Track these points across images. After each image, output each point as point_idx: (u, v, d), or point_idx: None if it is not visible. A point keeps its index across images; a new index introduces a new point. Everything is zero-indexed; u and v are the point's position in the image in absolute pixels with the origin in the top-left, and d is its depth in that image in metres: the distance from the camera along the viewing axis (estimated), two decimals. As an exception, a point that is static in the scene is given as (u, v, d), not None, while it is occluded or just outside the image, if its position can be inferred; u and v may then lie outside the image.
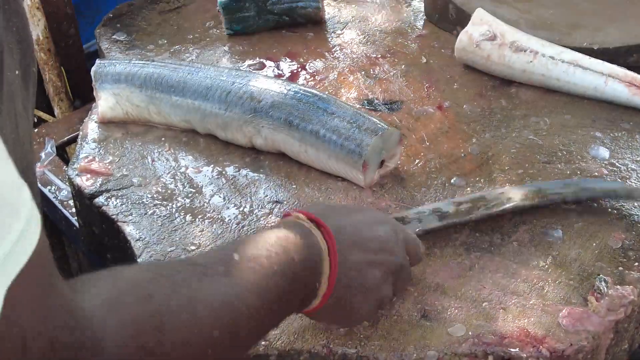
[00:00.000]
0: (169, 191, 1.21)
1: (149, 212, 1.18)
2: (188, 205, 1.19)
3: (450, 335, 0.97)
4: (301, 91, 1.23)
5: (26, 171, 0.85)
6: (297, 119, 1.20)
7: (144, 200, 1.20)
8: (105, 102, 1.32)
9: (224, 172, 1.25)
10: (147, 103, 1.30)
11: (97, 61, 1.36)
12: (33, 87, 0.85)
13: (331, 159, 1.19)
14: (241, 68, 1.50)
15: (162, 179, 1.24)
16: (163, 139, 1.32)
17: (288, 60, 1.52)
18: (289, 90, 1.23)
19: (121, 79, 1.31)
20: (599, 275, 1.03)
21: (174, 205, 1.19)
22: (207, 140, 1.31)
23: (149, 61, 1.34)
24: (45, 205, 1.52)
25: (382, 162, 1.20)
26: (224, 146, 1.30)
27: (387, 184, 1.21)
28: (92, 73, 1.34)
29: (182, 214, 1.17)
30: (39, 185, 1.51)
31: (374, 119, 1.20)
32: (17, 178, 0.57)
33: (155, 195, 1.21)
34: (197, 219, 1.16)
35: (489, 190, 1.16)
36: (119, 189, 1.22)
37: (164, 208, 1.18)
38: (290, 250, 0.83)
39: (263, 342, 0.97)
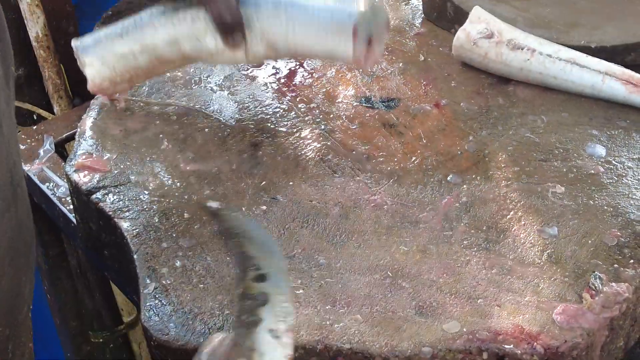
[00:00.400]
0: (166, 188, 1.22)
1: (146, 209, 1.18)
2: (185, 202, 1.19)
3: (444, 331, 0.98)
4: None
5: (12, 170, 0.85)
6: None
7: (141, 196, 1.20)
8: (91, 66, 1.29)
9: (221, 169, 1.25)
10: (130, 45, 1.25)
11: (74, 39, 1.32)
12: (13, 86, 0.84)
13: (320, 32, 1.18)
14: (239, 65, 1.50)
15: (159, 176, 1.24)
16: (161, 135, 1.32)
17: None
18: None
19: (101, 37, 1.27)
20: (594, 272, 1.04)
21: (171, 202, 1.19)
22: (205, 137, 1.32)
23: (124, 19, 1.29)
24: (44, 202, 1.52)
25: (369, 40, 1.18)
26: (221, 143, 1.30)
27: (382, 180, 1.22)
28: (73, 48, 1.30)
29: (179, 210, 1.18)
30: (38, 182, 1.51)
31: None
32: None
33: (152, 192, 1.21)
34: (193, 216, 1.17)
35: None
36: (116, 186, 1.22)
37: (160, 205, 1.19)
38: None
39: (258, 338, 0.98)
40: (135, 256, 1.11)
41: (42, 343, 2.16)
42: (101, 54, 1.28)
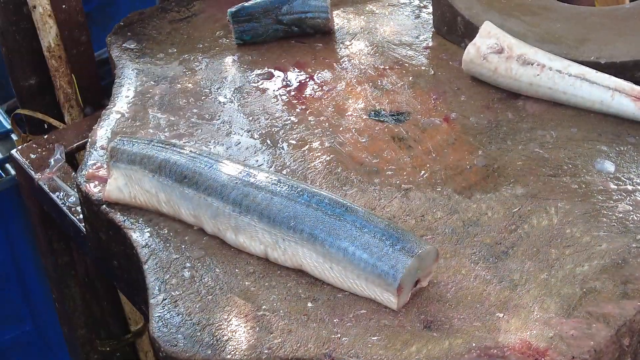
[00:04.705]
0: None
1: (155, 220, 1.19)
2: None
3: (452, 346, 0.98)
4: (326, 201, 1.11)
5: None
6: (323, 233, 1.07)
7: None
8: (115, 181, 1.22)
9: (230, 181, 1.25)
10: (157, 190, 1.20)
11: (118, 138, 1.26)
12: None
13: (360, 279, 1.05)
14: (249, 77, 1.51)
15: (169, 187, 1.24)
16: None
17: (296, 70, 1.53)
18: (314, 199, 1.10)
19: (136, 161, 1.21)
20: None
21: (181, 213, 1.20)
22: (215, 149, 1.32)
23: (168, 145, 1.23)
24: (54, 211, 1.53)
25: (416, 282, 1.06)
26: (231, 155, 1.31)
27: (391, 194, 1.22)
28: (109, 149, 1.25)
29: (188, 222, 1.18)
30: (48, 191, 1.52)
31: (409, 235, 1.07)
32: None
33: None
34: (202, 228, 1.17)
35: None
36: (127, 196, 1.23)
37: (169, 216, 1.19)
38: None
39: (266, 350, 0.98)
40: (144, 267, 1.11)
41: (51, 351, 2.17)
42: (129, 178, 1.22)
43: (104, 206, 1.22)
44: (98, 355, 1.90)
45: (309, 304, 1.05)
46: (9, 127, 2.05)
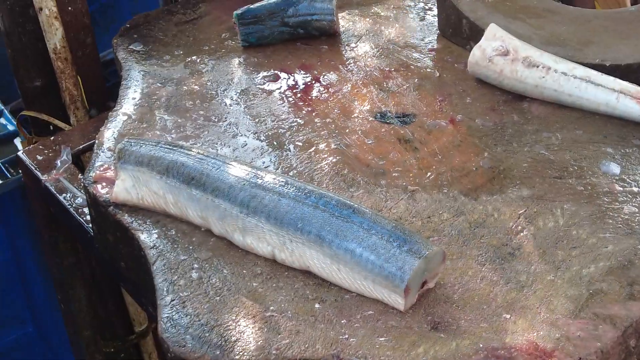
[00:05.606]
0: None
1: (163, 221, 1.19)
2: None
3: (459, 347, 0.98)
4: (333, 202, 1.11)
5: None
6: (330, 234, 1.08)
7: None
8: (123, 183, 1.23)
9: (237, 182, 1.26)
10: (165, 191, 1.20)
11: (125, 139, 1.27)
12: None
13: (367, 280, 1.06)
14: (255, 79, 1.51)
15: (176, 188, 1.25)
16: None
17: (302, 72, 1.53)
18: (321, 201, 1.11)
19: (144, 162, 1.22)
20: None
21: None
22: (221, 151, 1.33)
23: (176, 147, 1.23)
24: (60, 213, 1.53)
25: (423, 283, 1.07)
26: (238, 157, 1.31)
27: (398, 195, 1.22)
28: (116, 150, 1.25)
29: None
30: (55, 192, 1.52)
31: (416, 237, 1.07)
32: None
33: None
34: (210, 229, 1.18)
35: None
36: (134, 198, 1.23)
37: (177, 217, 1.20)
38: None
39: (274, 351, 0.99)
40: (152, 268, 1.12)
41: (55, 352, 2.17)
42: (136, 180, 1.22)
43: (112, 207, 1.23)
44: (102, 356, 1.91)
45: (317, 305, 1.05)
46: (14, 128, 2.05)
